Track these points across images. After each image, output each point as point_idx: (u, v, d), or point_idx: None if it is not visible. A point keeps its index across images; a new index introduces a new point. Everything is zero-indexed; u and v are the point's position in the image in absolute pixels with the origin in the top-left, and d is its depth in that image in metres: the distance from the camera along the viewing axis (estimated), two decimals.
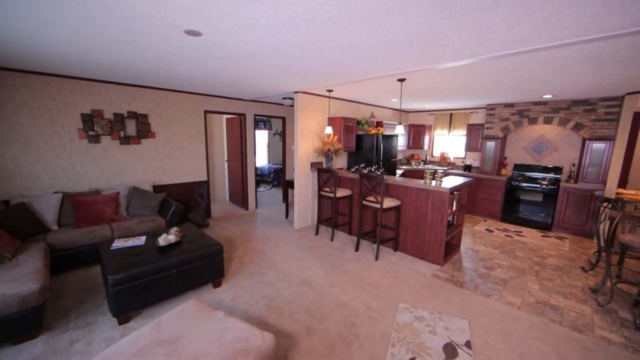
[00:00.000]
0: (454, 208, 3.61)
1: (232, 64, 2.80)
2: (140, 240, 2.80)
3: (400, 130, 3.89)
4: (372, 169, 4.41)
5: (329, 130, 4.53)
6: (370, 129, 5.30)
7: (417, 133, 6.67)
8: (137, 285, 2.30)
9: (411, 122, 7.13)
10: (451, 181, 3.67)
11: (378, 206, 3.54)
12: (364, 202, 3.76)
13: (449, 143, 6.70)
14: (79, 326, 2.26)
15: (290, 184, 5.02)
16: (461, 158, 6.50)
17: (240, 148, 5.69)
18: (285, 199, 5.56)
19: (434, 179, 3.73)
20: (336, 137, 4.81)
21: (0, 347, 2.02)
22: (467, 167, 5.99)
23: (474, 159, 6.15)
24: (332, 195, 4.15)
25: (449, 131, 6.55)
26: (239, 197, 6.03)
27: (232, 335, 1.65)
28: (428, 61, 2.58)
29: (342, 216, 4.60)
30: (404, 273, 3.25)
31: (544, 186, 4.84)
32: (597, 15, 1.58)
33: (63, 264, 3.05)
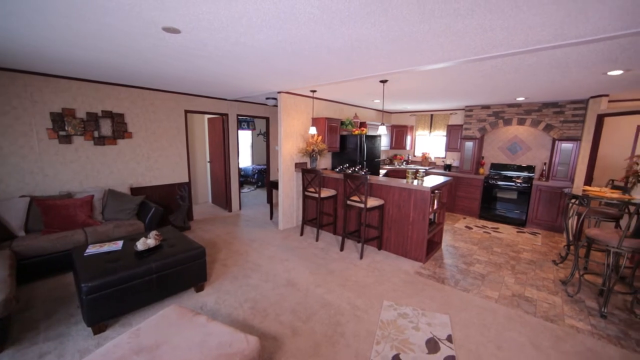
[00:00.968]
0: (435, 206, 3.71)
1: (213, 63, 2.74)
2: (117, 245, 2.68)
3: (383, 130, 3.95)
4: (356, 169, 4.46)
5: (313, 130, 4.54)
6: (354, 129, 5.36)
7: (399, 133, 6.81)
8: (113, 292, 2.20)
9: (394, 123, 7.27)
10: (432, 180, 3.77)
11: (362, 206, 3.59)
12: (348, 202, 3.80)
13: (430, 143, 6.89)
14: (50, 338, 2.13)
15: (275, 185, 4.98)
16: (442, 158, 6.70)
17: (223, 149, 5.58)
18: (270, 199, 5.50)
19: (415, 178, 3.82)
20: (320, 137, 4.82)
21: None
22: (448, 167, 6.19)
23: (453, 159, 6.36)
24: (316, 195, 4.15)
25: (430, 132, 6.73)
26: (222, 198, 5.91)
27: (215, 340, 1.62)
28: (409, 63, 2.64)
29: (326, 216, 4.62)
30: (388, 271, 3.31)
31: (519, 184, 5.08)
32: (564, 23, 1.68)
33: (32, 273, 2.86)
